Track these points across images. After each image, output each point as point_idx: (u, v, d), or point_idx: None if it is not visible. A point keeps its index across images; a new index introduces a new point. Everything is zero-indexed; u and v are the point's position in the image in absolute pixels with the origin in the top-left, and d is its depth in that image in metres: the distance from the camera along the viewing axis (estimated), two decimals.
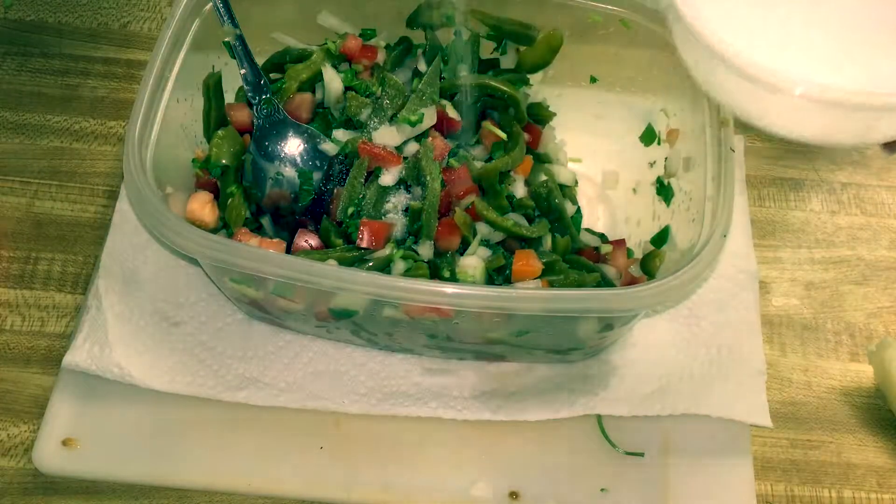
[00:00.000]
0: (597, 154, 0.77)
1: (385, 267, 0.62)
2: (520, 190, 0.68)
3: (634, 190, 0.75)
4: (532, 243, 0.66)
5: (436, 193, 0.64)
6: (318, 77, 0.70)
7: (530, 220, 0.68)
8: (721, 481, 0.65)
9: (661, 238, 0.69)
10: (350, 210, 0.65)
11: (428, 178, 0.64)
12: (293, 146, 0.67)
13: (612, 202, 0.77)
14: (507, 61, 0.73)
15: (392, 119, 0.67)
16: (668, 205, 0.70)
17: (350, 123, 0.68)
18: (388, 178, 0.65)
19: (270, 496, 0.64)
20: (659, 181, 0.71)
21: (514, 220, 0.66)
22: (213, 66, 0.69)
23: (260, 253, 0.57)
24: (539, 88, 0.74)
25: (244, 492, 0.64)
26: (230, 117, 0.69)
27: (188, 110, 0.67)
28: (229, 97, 0.70)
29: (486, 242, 0.65)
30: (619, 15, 0.68)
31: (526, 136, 0.70)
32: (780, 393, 0.70)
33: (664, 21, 0.66)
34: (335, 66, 0.70)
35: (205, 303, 0.70)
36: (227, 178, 0.67)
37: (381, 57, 0.72)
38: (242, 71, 0.67)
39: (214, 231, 0.66)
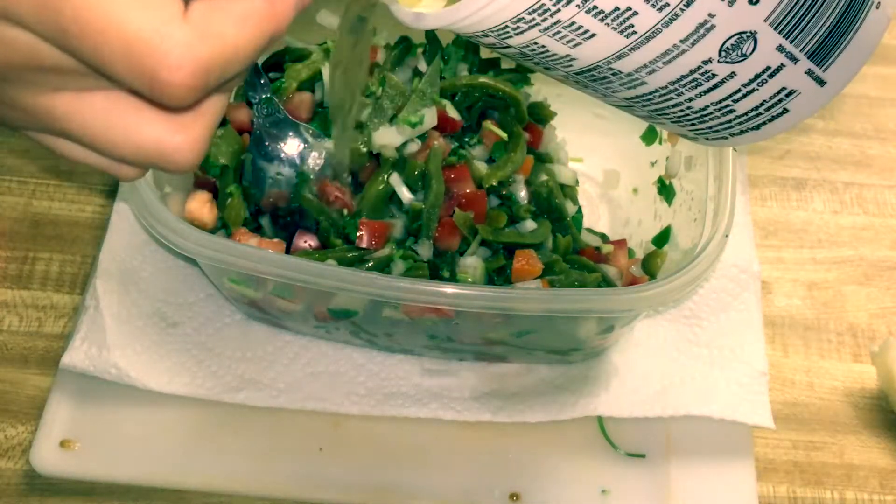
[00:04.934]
0: (598, 153, 0.77)
1: (385, 267, 0.62)
2: (521, 190, 0.68)
3: (636, 190, 0.74)
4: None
5: (438, 194, 0.64)
6: (317, 76, 0.69)
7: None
8: (723, 482, 0.65)
9: (663, 238, 0.68)
10: None
11: (433, 180, 0.64)
12: (293, 146, 0.67)
13: (614, 202, 0.76)
14: (508, 61, 0.73)
15: (392, 119, 0.67)
16: (669, 204, 0.69)
17: None
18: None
19: (269, 497, 0.64)
20: (660, 181, 0.71)
21: (516, 229, 0.65)
22: None
23: (259, 253, 0.56)
24: (540, 88, 0.74)
25: (242, 493, 0.64)
26: (229, 117, 0.68)
27: None
28: None
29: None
30: None
31: (527, 135, 0.69)
32: (782, 394, 0.70)
33: None
34: None
35: (203, 303, 0.70)
36: (226, 178, 0.66)
37: (380, 56, 0.71)
38: None
39: (213, 231, 0.65)
